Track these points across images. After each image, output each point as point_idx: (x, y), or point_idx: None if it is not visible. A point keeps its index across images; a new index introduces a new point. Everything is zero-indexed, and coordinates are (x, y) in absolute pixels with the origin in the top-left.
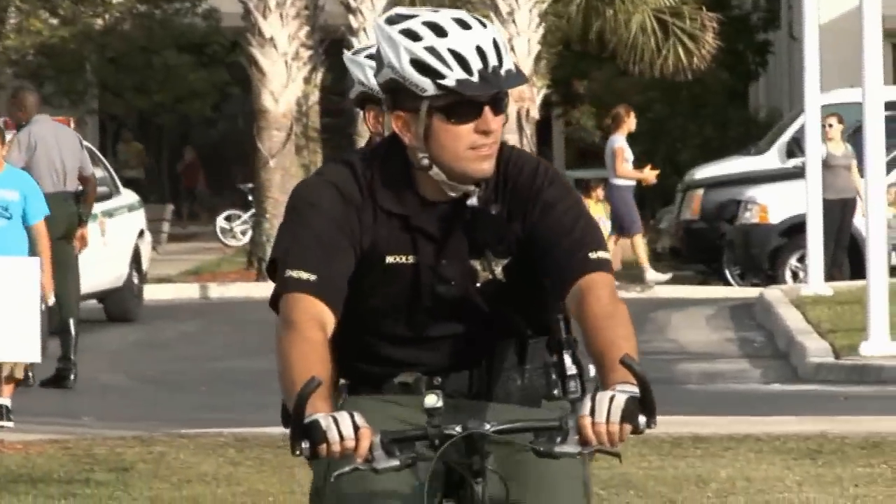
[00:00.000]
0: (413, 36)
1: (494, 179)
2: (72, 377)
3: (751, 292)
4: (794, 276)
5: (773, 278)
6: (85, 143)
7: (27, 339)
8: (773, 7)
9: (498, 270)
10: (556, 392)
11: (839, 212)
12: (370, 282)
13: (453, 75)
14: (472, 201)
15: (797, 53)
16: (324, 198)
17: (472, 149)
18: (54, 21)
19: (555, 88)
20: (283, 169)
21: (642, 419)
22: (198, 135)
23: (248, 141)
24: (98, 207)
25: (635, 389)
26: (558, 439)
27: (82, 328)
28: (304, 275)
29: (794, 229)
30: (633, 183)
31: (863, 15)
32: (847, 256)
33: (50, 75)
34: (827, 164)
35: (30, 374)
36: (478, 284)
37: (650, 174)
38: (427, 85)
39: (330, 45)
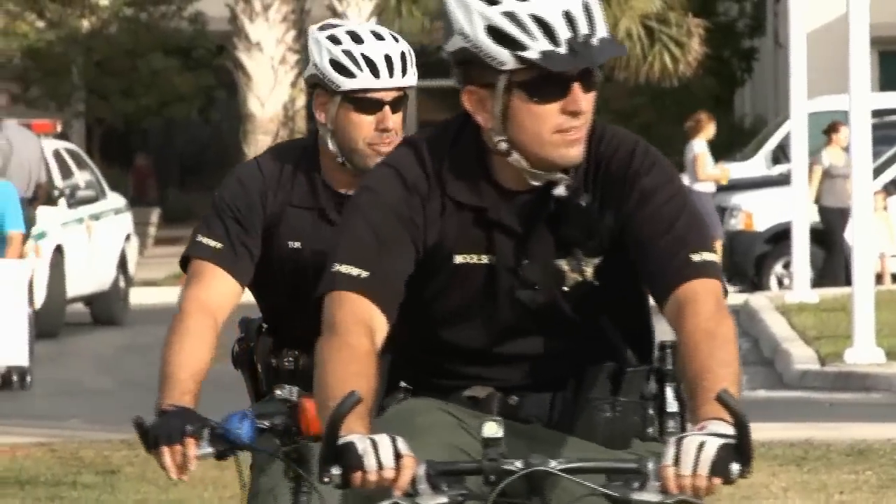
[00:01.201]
0: None
1: (584, 164)
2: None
3: (736, 299)
4: (780, 282)
5: (758, 285)
6: (71, 146)
7: (14, 342)
8: (759, 14)
9: (588, 271)
10: (650, 431)
11: (837, 219)
12: (435, 285)
13: (536, 46)
14: (559, 191)
15: (783, 60)
16: (384, 184)
17: (558, 132)
18: (41, 24)
19: None
20: None
21: (735, 468)
22: (181, 138)
23: (234, 145)
24: (85, 211)
25: (730, 431)
26: (635, 485)
27: (68, 331)
28: (355, 270)
29: (780, 236)
30: (713, 189)
31: (850, 22)
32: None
33: (36, 78)
34: (828, 173)
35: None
36: (565, 288)
37: (725, 173)
38: (505, 57)
39: None
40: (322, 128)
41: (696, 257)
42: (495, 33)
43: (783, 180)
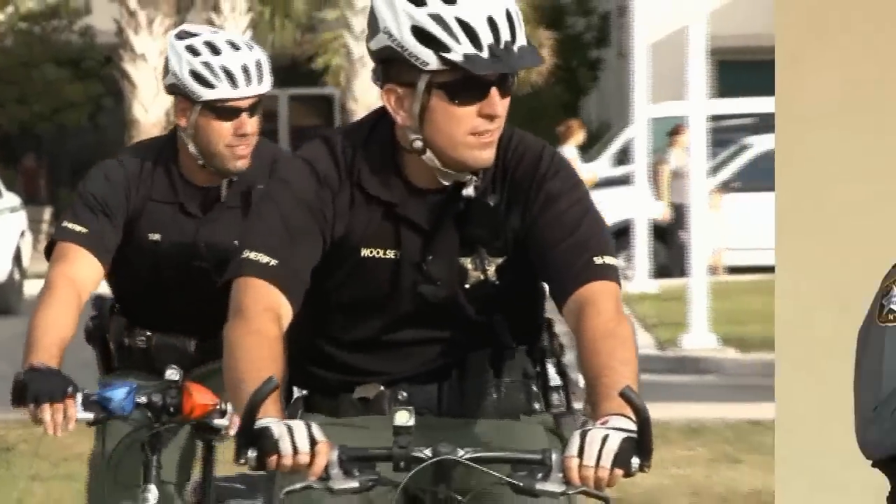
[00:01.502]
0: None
1: (493, 167)
2: None
3: None
4: (623, 274)
5: None
6: None
7: None
8: (604, 27)
9: (491, 270)
10: (536, 406)
11: (683, 214)
12: (339, 276)
13: (460, 49)
14: (468, 191)
15: (626, 70)
16: (297, 176)
17: (472, 134)
18: None
19: None
20: None
21: (636, 461)
22: (72, 143)
23: (120, 148)
24: None
25: (631, 426)
26: (539, 475)
27: None
28: (265, 258)
29: (622, 231)
30: None
31: (689, 34)
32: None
33: None
34: (675, 173)
35: None
36: (466, 286)
37: (593, 177)
38: (429, 58)
39: None
40: (183, 132)
41: (597, 260)
42: (420, 34)
43: (625, 180)
